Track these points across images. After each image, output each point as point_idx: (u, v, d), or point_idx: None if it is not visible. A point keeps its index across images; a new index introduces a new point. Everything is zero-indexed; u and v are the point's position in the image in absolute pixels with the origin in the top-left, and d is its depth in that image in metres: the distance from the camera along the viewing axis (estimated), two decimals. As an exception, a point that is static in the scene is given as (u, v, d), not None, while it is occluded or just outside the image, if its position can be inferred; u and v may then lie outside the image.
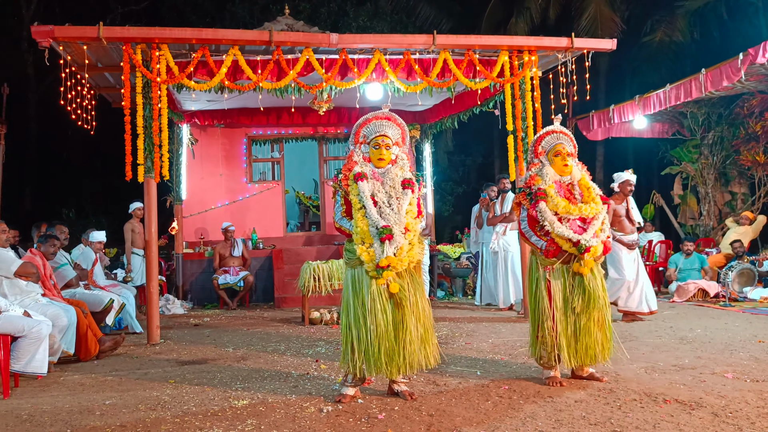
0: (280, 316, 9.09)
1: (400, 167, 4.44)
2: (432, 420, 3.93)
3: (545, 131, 4.89)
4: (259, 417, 4.08)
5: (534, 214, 4.69)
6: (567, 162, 4.72)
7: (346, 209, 4.39)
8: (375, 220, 4.17)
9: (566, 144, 4.80)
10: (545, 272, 4.68)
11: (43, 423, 4.09)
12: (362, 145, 4.47)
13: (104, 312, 6.88)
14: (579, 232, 4.55)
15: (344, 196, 4.37)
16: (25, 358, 5.12)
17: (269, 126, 12.05)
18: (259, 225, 11.85)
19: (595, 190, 4.75)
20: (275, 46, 7.46)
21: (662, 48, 16.57)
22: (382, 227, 4.13)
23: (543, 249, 4.66)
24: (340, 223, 4.40)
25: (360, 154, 4.44)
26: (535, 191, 4.68)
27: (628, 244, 7.59)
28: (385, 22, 18.24)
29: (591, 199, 4.67)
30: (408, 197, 4.32)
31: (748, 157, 11.35)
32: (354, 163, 4.37)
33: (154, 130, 7.25)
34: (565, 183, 4.75)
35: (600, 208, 4.65)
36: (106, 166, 20.23)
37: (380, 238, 4.12)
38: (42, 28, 6.87)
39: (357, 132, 4.48)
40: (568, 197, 4.67)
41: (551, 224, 4.56)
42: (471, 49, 8.02)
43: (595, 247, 4.49)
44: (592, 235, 4.52)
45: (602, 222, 4.65)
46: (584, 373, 4.77)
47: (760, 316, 7.79)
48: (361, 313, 4.21)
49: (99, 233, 8.34)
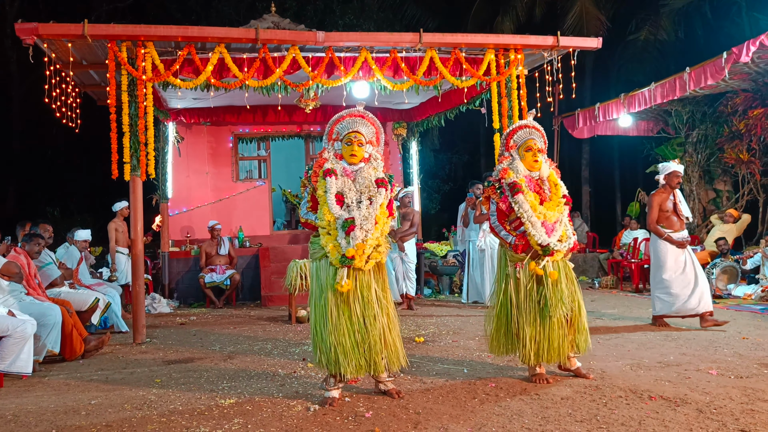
0: (267, 314, 9.07)
1: (374, 167, 4.41)
2: (419, 418, 3.93)
3: (518, 125, 4.90)
4: (246, 416, 4.07)
5: (504, 207, 4.70)
6: (537, 158, 4.74)
7: (312, 205, 4.39)
8: (338, 214, 4.16)
9: (537, 140, 4.82)
10: (515, 269, 4.68)
11: (28, 423, 4.06)
12: (335, 142, 4.46)
13: (90, 311, 6.83)
14: (549, 233, 4.58)
15: (312, 191, 4.38)
16: (9, 358, 5.08)
17: (255, 124, 12.00)
18: (245, 223, 11.81)
19: (562, 189, 4.78)
20: (261, 44, 7.44)
21: (647, 46, 16.70)
22: (345, 219, 4.13)
23: (512, 244, 4.67)
24: (306, 216, 4.40)
25: (332, 151, 4.43)
26: (510, 183, 4.66)
27: (678, 242, 6.94)
28: (372, 20, 18.24)
29: (558, 195, 4.71)
30: (382, 196, 4.30)
31: (732, 155, 11.45)
32: (325, 160, 4.36)
33: (140, 129, 7.21)
34: (534, 178, 4.76)
35: (562, 210, 4.70)
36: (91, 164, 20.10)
37: (345, 231, 4.12)
38: (26, 25, 6.79)
39: (330, 129, 4.47)
40: (538, 192, 4.70)
41: (529, 218, 4.55)
42: (457, 48, 8.04)
43: (559, 251, 4.59)
44: (557, 239, 4.58)
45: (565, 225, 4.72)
46: (572, 366, 4.79)
47: (744, 312, 7.88)
48: (324, 308, 4.20)
49: (84, 232, 8.27)
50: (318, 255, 4.31)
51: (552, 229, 4.59)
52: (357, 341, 4.16)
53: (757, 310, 7.91)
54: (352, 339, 4.16)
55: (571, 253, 4.80)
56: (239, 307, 10.08)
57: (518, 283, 4.66)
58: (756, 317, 7.49)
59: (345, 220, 4.13)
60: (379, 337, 4.21)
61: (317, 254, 4.31)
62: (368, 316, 4.20)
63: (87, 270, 8.16)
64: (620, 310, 8.34)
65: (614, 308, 8.56)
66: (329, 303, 4.18)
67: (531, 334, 4.57)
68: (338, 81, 7.91)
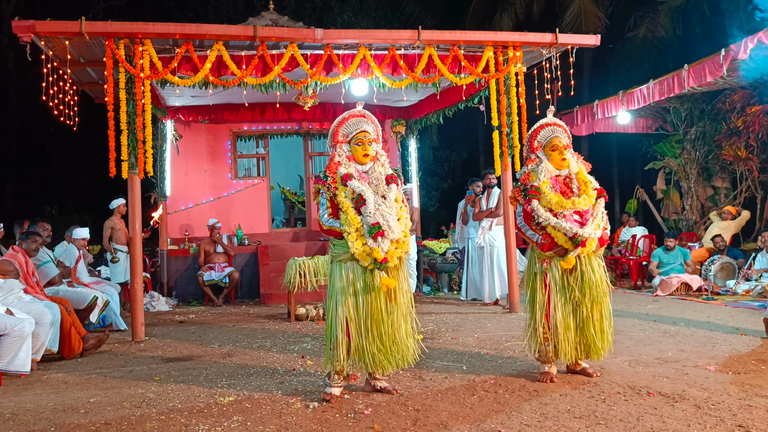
0: (266, 312, 9.07)
1: (381, 164, 4.43)
2: (418, 415, 3.94)
3: (540, 125, 4.84)
4: (245, 413, 4.08)
5: (528, 210, 4.68)
6: (564, 156, 4.68)
7: (332, 211, 4.33)
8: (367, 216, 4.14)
9: (562, 136, 4.76)
10: (542, 265, 4.66)
11: (27, 422, 4.06)
12: (343, 144, 4.40)
13: (88, 309, 6.83)
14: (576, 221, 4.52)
15: (330, 198, 4.31)
16: (7, 357, 5.08)
17: (254, 122, 11.99)
18: (244, 221, 11.80)
19: (592, 184, 4.70)
20: (260, 41, 7.43)
21: (645, 44, 16.69)
22: (371, 225, 4.11)
23: (538, 243, 4.65)
24: (329, 224, 4.30)
25: (342, 154, 4.36)
26: (528, 188, 4.66)
27: None
28: (370, 17, 18.23)
29: (587, 192, 4.63)
30: (394, 192, 4.32)
31: (730, 152, 11.46)
32: (338, 164, 4.30)
33: (138, 126, 7.20)
34: (562, 177, 4.72)
35: (594, 201, 4.61)
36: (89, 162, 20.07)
37: (372, 237, 4.10)
38: (23, 22, 6.78)
39: (336, 131, 4.41)
40: (564, 191, 4.65)
41: (546, 220, 4.53)
42: (456, 45, 8.03)
43: (591, 240, 4.45)
44: (592, 229, 4.49)
45: (602, 215, 4.60)
46: (577, 367, 4.76)
47: (742, 309, 7.89)
48: (354, 308, 4.18)
49: (82, 230, 8.27)
50: (344, 257, 4.26)
51: (581, 221, 4.53)
52: (384, 338, 4.18)
53: (755, 307, 7.92)
54: (381, 336, 4.18)
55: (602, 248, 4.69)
56: (238, 305, 10.08)
57: (546, 280, 4.63)
58: (754, 314, 7.50)
59: (371, 226, 4.11)
60: (404, 332, 4.25)
61: (342, 257, 4.26)
62: (393, 312, 4.23)
63: (85, 268, 8.16)
64: (619, 307, 8.34)
65: (613, 305, 8.53)
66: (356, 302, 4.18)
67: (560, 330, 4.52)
68: (337, 78, 7.90)
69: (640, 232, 11.83)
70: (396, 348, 4.21)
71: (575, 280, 4.53)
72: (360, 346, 4.16)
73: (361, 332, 4.16)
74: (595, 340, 4.52)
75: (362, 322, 4.17)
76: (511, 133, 8.15)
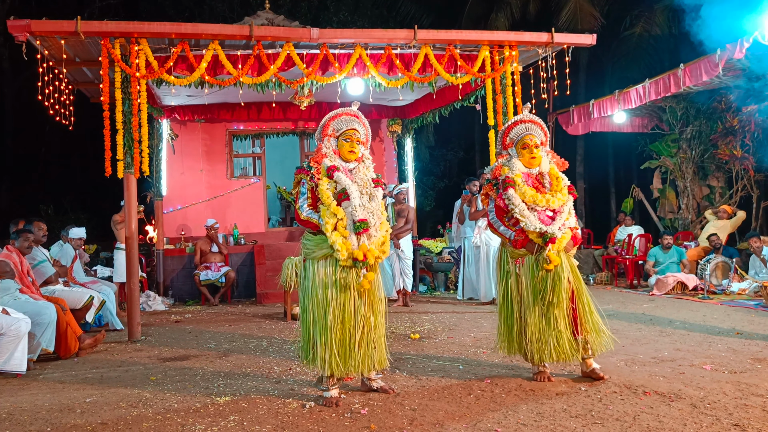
0: (262, 311, 9.06)
1: (367, 167, 4.41)
2: (415, 414, 3.94)
3: (514, 120, 4.80)
4: (241, 413, 4.07)
5: (501, 204, 4.65)
6: (534, 155, 4.65)
7: (312, 202, 4.28)
8: (353, 211, 4.12)
9: (536, 133, 4.72)
10: (515, 266, 4.63)
11: (23, 422, 4.05)
12: (331, 138, 4.39)
13: (84, 309, 6.81)
14: (547, 223, 4.49)
15: (312, 188, 4.27)
16: (3, 356, 5.07)
17: (250, 121, 11.98)
18: (240, 220, 11.78)
19: (563, 181, 4.68)
20: (256, 40, 7.42)
21: (641, 43, 16.73)
22: (359, 221, 4.10)
23: (511, 239, 4.61)
24: (308, 214, 4.24)
25: (330, 147, 4.34)
26: (503, 179, 4.64)
27: None
28: (366, 17, 18.23)
29: (559, 190, 4.61)
30: (379, 195, 4.34)
31: (726, 151, 11.48)
32: (323, 156, 4.28)
33: (134, 126, 7.18)
34: (533, 175, 4.69)
35: (566, 199, 4.60)
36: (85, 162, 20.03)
37: (356, 232, 4.09)
38: (18, 22, 6.76)
39: (326, 125, 4.39)
40: (537, 187, 4.62)
41: (521, 211, 4.49)
42: (452, 44, 8.04)
43: (560, 238, 4.45)
44: (558, 227, 4.47)
45: (569, 213, 4.60)
46: (587, 367, 4.63)
47: (738, 308, 7.91)
48: (324, 308, 4.12)
49: (79, 230, 8.25)
50: (318, 255, 4.20)
51: (553, 218, 4.51)
52: (358, 339, 4.14)
53: (751, 306, 7.95)
54: (354, 337, 4.13)
55: (576, 248, 4.68)
56: (234, 304, 10.07)
57: (519, 280, 4.60)
58: (750, 313, 7.53)
59: (359, 222, 4.09)
60: (379, 334, 4.24)
61: (317, 254, 4.20)
62: (373, 312, 4.22)
63: (81, 268, 8.14)
64: (615, 306, 8.37)
65: (609, 304, 8.58)
66: (331, 302, 4.11)
67: (534, 331, 4.50)
68: (333, 78, 7.89)
69: (636, 231, 11.85)
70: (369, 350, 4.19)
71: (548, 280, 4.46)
72: (332, 346, 4.09)
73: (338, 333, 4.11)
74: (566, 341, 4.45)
75: (339, 322, 4.11)
76: (507, 133, 8.14)
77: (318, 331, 4.13)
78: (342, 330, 4.12)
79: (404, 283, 9.04)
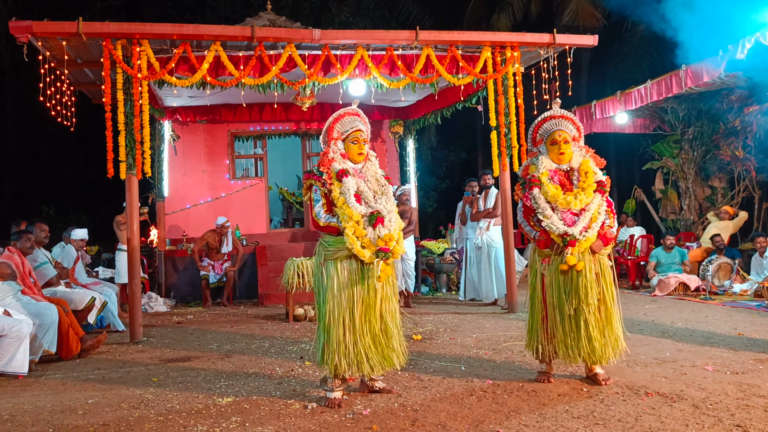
0: (264, 312, 9.07)
1: (373, 164, 4.44)
2: (416, 415, 3.94)
3: (543, 117, 4.71)
4: (243, 414, 4.07)
5: (528, 204, 4.59)
6: (563, 150, 4.56)
7: (327, 207, 4.27)
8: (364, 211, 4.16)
9: (567, 129, 4.62)
10: (542, 265, 4.59)
11: (25, 423, 4.05)
12: (337, 141, 4.37)
13: (86, 310, 6.82)
14: (570, 223, 4.40)
15: (326, 194, 4.25)
16: (5, 358, 5.08)
17: (252, 122, 11.99)
18: (242, 221, 11.79)
19: (594, 176, 4.53)
20: (257, 41, 7.42)
21: (643, 43, 16.72)
22: (372, 213, 4.14)
23: (535, 239, 4.57)
24: (327, 220, 4.23)
25: (337, 151, 4.33)
26: (529, 179, 4.59)
27: None
28: (368, 17, 18.23)
29: (586, 187, 4.48)
30: (390, 191, 4.37)
31: (728, 152, 11.48)
32: (331, 160, 4.27)
33: (136, 127, 7.19)
34: (563, 170, 4.61)
35: (590, 199, 4.46)
36: (86, 163, 20.06)
37: (372, 224, 4.11)
38: (20, 23, 6.77)
39: (330, 128, 4.38)
40: (564, 183, 4.54)
41: (543, 211, 4.44)
42: (454, 45, 8.04)
43: (582, 241, 4.34)
44: (581, 229, 4.36)
45: (595, 213, 4.45)
46: (590, 372, 4.59)
47: (740, 309, 7.90)
48: (351, 307, 4.15)
49: (81, 231, 8.26)
50: (340, 255, 4.19)
51: (573, 221, 4.41)
52: (380, 338, 4.19)
53: (752, 307, 7.94)
54: (378, 337, 4.19)
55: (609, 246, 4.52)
56: (236, 305, 10.08)
57: (543, 280, 4.56)
58: (752, 313, 7.52)
59: (371, 214, 4.13)
60: (397, 332, 4.27)
61: (338, 255, 4.20)
62: (388, 311, 4.24)
63: (83, 269, 8.14)
64: (617, 307, 8.35)
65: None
66: (357, 302, 4.15)
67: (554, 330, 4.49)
68: (335, 79, 7.90)
69: (637, 232, 11.85)
70: (390, 348, 4.22)
71: (570, 280, 4.41)
72: (358, 346, 4.12)
73: (358, 331, 4.13)
74: (588, 344, 4.37)
75: (359, 321, 4.14)
76: (509, 134, 8.15)
77: (342, 331, 4.13)
78: (370, 328, 4.16)
79: (406, 285, 9.03)
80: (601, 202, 4.52)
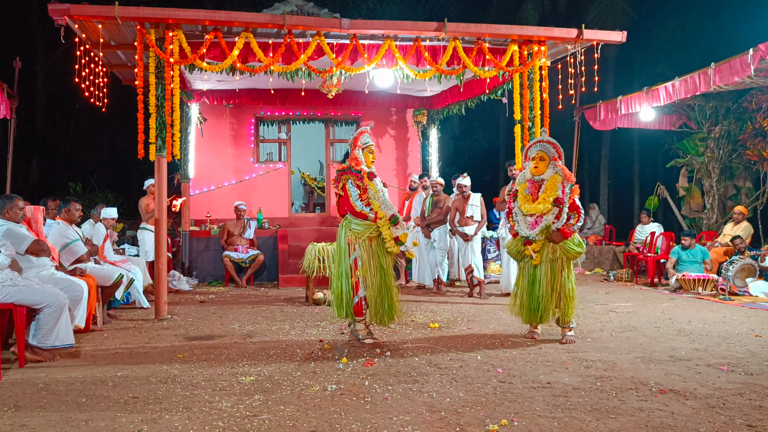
0: (284, 295, 9.23)
1: None
2: (433, 401, 4.05)
3: (533, 141, 6.17)
4: (265, 393, 4.22)
5: (511, 206, 6.20)
6: (536, 165, 5.94)
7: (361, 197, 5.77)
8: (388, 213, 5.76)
9: (546, 150, 5.94)
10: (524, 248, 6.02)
11: (59, 392, 4.24)
12: (360, 149, 5.91)
13: (114, 287, 7.01)
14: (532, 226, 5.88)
15: (364, 188, 5.77)
16: (52, 332, 5.12)
17: (277, 107, 12.13)
18: (264, 205, 11.96)
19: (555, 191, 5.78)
20: (287, 29, 7.51)
21: (673, 39, 16.53)
22: (393, 215, 5.75)
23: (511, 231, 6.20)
24: (362, 209, 5.73)
25: (361, 156, 5.90)
26: (513, 191, 6.19)
27: None
28: (394, 4, 18.23)
29: (545, 197, 5.80)
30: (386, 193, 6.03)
31: (755, 152, 11.37)
32: (360, 162, 5.88)
33: (166, 110, 7.34)
34: (536, 180, 5.98)
35: (545, 209, 5.77)
36: (113, 141, 20.34)
37: (394, 224, 5.73)
38: (58, 6, 6.92)
39: (357, 138, 5.97)
40: (533, 192, 5.98)
41: (514, 216, 6.13)
42: (481, 38, 8.06)
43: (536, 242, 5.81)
44: (537, 233, 5.80)
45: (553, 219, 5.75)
46: (562, 335, 5.99)
47: (759, 311, 7.88)
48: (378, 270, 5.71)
49: (111, 209, 8.43)
50: (367, 235, 5.72)
51: (535, 223, 5.86)
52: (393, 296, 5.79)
53: (771, 308, 7.91)
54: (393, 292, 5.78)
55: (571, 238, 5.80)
56: (257, 286, 10.26)
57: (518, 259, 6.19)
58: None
59: (392, 216, 5.72)
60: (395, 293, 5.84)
61: (367, 234, 5.72)
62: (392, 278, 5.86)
63: (111, 247, 8.33)
64: (634, 304, 8.39)
65: (628, 301, 8.61)
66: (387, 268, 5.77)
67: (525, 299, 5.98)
68: (362, 68, 7.96)
69: (654, 229, 11.79)
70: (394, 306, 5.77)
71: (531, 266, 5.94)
72: (378, 302, 5.67)
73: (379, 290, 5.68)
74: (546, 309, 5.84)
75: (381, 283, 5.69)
76: (533, 128, 8.17)
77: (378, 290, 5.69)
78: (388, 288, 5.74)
79: (439, 273, 9.22)
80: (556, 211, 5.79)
